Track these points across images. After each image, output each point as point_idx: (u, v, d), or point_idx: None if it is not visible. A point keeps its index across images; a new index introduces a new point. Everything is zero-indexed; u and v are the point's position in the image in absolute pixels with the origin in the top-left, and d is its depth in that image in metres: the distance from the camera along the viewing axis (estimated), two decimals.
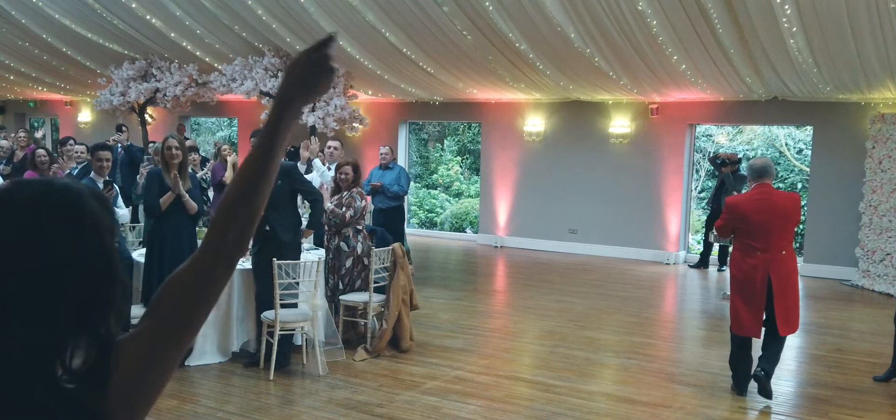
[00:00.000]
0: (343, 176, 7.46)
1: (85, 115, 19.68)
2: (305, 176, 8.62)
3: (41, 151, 8.96)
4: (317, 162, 9.11)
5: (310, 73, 1.36)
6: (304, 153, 8.59)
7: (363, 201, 7.41)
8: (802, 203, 11.41)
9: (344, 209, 7.28)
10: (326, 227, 7.49)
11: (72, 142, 10.56)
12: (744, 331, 6.22)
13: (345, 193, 7.41)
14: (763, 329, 6.19)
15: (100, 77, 16.09)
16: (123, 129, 13.18)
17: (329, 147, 9.07)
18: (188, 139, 14.66)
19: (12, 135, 13.59)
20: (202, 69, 15.15)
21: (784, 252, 6.09)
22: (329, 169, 8.71)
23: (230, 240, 1.31)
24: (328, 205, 7.39)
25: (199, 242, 1.37)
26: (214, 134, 22.56)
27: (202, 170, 11.04)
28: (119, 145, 12.62)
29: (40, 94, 19.88)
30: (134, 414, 1.26)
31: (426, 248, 13.22)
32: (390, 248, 7.29)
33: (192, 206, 6.68)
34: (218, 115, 18.24)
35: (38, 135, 19.76)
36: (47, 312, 1.16)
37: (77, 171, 9.74)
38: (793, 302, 6.17)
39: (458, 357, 7.13)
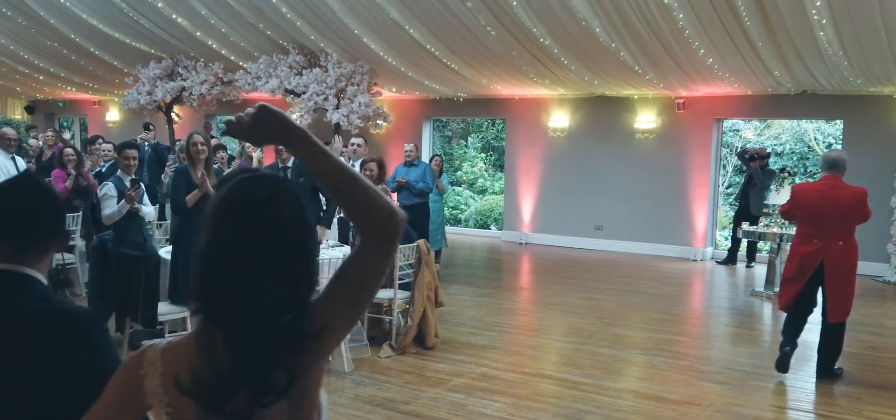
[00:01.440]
0: (368, 172, 7.44)
1: (113, 115, 19.87)
2: None
3: (69, 150, 9.04)
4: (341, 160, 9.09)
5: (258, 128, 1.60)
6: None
7: (388, 198, 7.38)
8: None
9: None
10: (351, 224, 7.48)
11: (100, 140, 10.66)
12: (783, 304, 6.64)
13: None
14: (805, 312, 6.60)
15: (127, 76, 16.22)
16: (150, 127, 13.29)
17: (352, 144, 9.06)
18: (214, 137, 14.76)
19: (41, 134, 13.74)
20: (228, 68, 15.23)
21: (841, 242, 6.36)
22: (353, 166, 8.70)
23: (381, 221, 1.61)
24: None
25: None
26: None
27: (228, 168, 11.10)
28: (146, 144, 12.73)
29: (69, 94, 20.11)
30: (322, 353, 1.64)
31: (451, 245, 13.14)
32: (415, 244, 7.26)
33: None
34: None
35: (67, 135, 20.00)
36: (291, 269, 1.56)
37: (105, 169, 9.85)
38: (845, 291, 6.41)
39: (484, 354, 7.09)
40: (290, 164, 7.04)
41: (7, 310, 1.81)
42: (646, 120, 13.60)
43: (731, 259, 12.78)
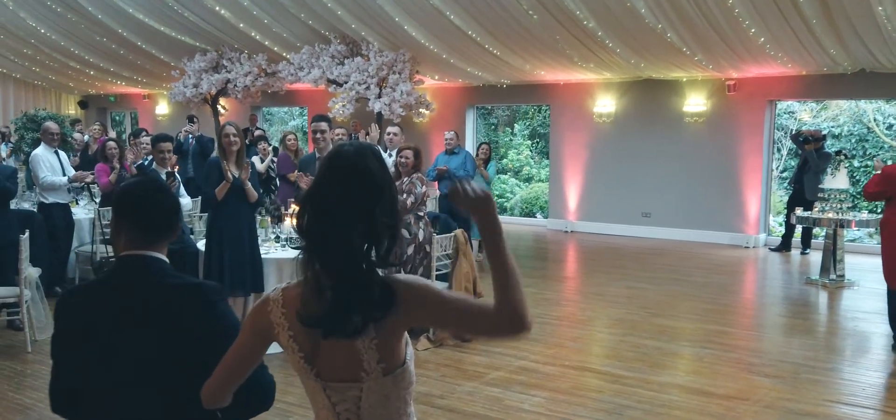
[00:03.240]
0: (403, 160, 7.30)
1: (162, 108, 20.16)
2: None
3: (111, 144, 9.12)
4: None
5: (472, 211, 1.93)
6: (366, 142, 8.49)
7: (424, 187, 7.23)
8: None
9: (404, 195, 7.12)
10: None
11: (144, 133, 10.76)
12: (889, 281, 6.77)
13: (405, 179, 7.25)
14: None
15: (173, 69, 16.42)
16: (194, 120, 13.38)
17: (389, 133, 8.95)
18: (259, 129, 14.83)
19: (90, 127, 13.96)
20: (271, 59, 15.28)
21: None
22: (390, 155, 8.59)
23: (514, 312, 1.90)
24: None
25: (258, 228, 2.64)
26: (286, 124, 22.82)
27: (273, 158, 11.11)
28: (190, 136, 12.82)
29: (120, 89, 20.46)
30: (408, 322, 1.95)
31: None
32: (453, 234, 7.12)
33: (253, 194, 6.63)
34: (289, 104, 18.41)
35: (115, 134, 20.42)
36: (372, 211, 1.88)
37: (148, 162, 9.91)
38: None
39: (523, 346, 6.91)
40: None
41: (141, 286, 2.16)
42: (695, 103, 13.21)
43: (784, 246, 12.34)
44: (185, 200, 7.18)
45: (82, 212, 9.33)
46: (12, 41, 17.29)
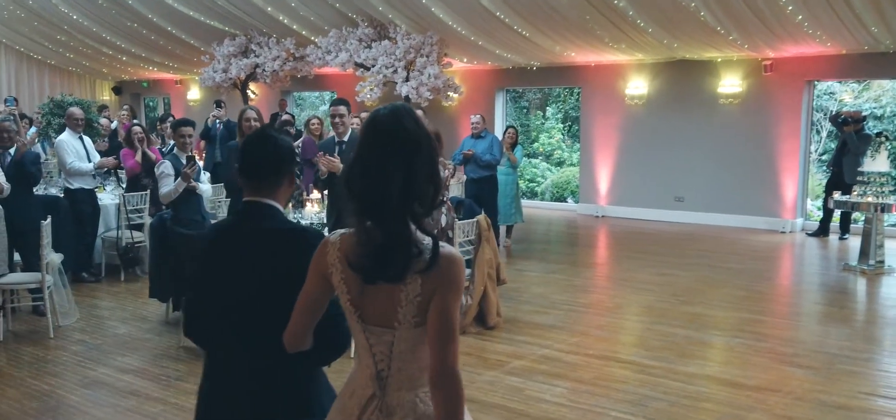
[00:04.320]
0: None
1: (194, 93, 20.24)
2: None
3: (137, 128, 9.13)
4: None
5: None
6: None
7: (446, 171, 7.08)
8: None
9: None
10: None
11: (171, 118, 10.76)
12: None
13: None
14: None
15: (203, 55, 16.44)
16: (222, 105, 13.37)
17: None
18: (288, 114, 14.79)
19: (119, 112, 14.03)
20: (299, 43, 15.22)
21: None
22: None
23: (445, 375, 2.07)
24: None
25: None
26: (317, 109, 22.78)
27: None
28: (218, 121, 12.82)
29: (152, 74, 20.59)
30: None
31: (526, 219, 12.83)
32: (475, 220, 6.97)
33: None
34: (318, 88, 18.36)
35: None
36: (411, 165, 2.04)
37: (171, 146, 9.91)
38: None
39: (548, 334, 6.76)
40: (346, 138, 6.83)
41: (256, 230, 2.46)
42: (730, 84, 12.86)
43: (822, 230, 11.99)
44: (206, 186, 7.13)
45: (108, 197, 9.35)
46: (46, 27, 17.47)
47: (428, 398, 2.13)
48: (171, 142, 9.96)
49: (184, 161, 6.85)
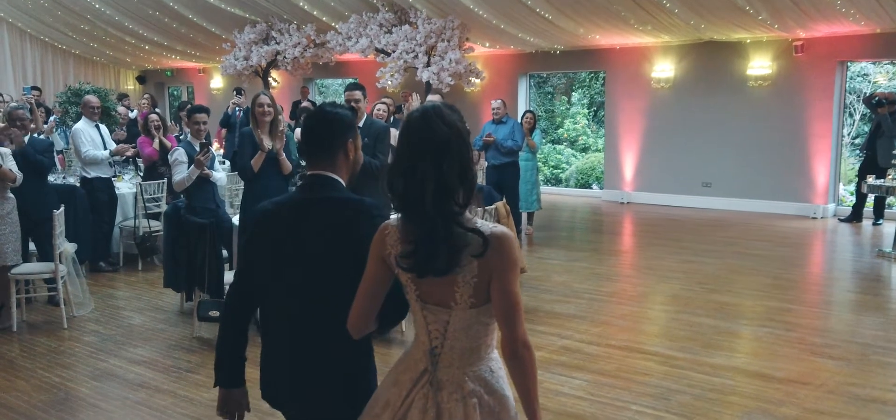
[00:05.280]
0: None
1: (217, 82, 20.23)
2: None
3: (154, 116, 9.05)
4: None
5: None
6: (408, 111, 8.17)
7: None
8: None
9: None
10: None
11: (188, 105, 10.68)
12: None
13: None
14: None
15: (224, 42, 16.37)
16: (241, 92, 13.28)
17: (429, 102, 8.61)
18: (309, 101, 14.70)
19: (139, 101, 14.00)
20: (320, 29, 15.09)
21: None
22: None
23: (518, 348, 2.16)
24: None
25: None
26: (339, 96, 22.68)
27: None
28: (238, 109, 12.74)
29: (175, 63, 20.60)
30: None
31: (550, 206, 12.59)
32: (493, 206, 6.78)
33: (288, 165, 6.42)
34: (340, 75, 18.22)
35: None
36: (443, 163, 2.07)
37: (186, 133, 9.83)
38: None
39: (568, 324, 6.57)
40: (361, 123, 6.66)
41: (315, 200, 2.50)
42: (759, 66, 12.52)
43: (855, 216, 11.65)
44: (220, 174, 7.00)
45: (126, 186, 9.30)
46: (69, 17, 17.50)
47: (475, 376, 2.22)
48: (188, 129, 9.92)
49: (197, 148, 6.74)
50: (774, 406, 4.85)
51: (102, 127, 8.81)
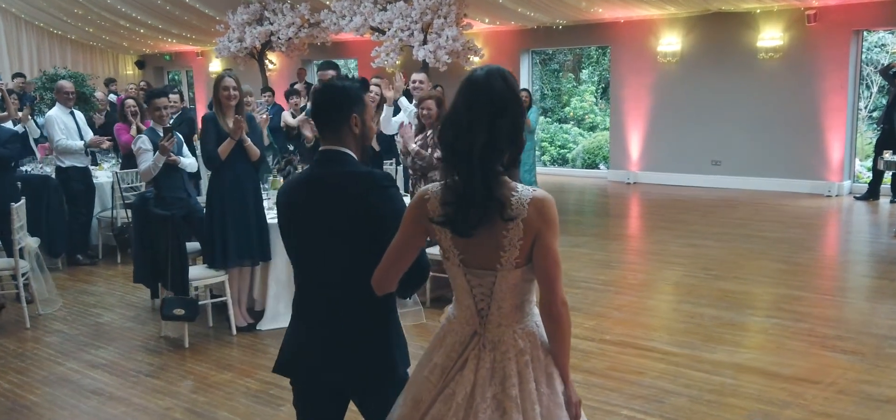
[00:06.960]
0: (425, 111, 6.53)
1: (215, 65, 19.80)
2: (393, 117, 7.82)
3: (130, 101, 8.67)
4: (403, 101, 8.28)
5: None
6: (388, 93, 7.73)
7: None
8: None
9: (430, 149, 6.37)
10: (411, 172, 6.64)
11: (177, 92, 10.30)
12: None
13: (429, 132, 6.49)
14: None
15: (218, 24, 15.98)
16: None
17: (414, 81, 8.17)
18: (303, 84, 14.27)
19: (127, 86, 13.64)
20: (313, 8, 14.66)
21: None
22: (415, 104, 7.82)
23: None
24: (412, 145, 6.50)
25: (264, 190, 4.55)
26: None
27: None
28: None
29: (173, 47, 20.24)
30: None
31: (555, 188, 12.14)
32: None
33: (255, 151, 5.99)
34: (336, 56, 17.78)
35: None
36: (495, 122, 2.15)
37: (173, 121, 9.43)
38: None
39: None
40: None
41: (326, 174, 2.55)
42: (770, 37, 11.98)
43: (871, 194, 11.14)
44: (188, 159, 6.59)
45: (104, 175, 8.94)
46: (62, 1, 17.13)
47: (524, 333, 2.28)
48: (172, 116, 9.52)
49: (161, 133, 6.35)
50: (778, 408, 4.41)
51: (78, 113, 8.44)
